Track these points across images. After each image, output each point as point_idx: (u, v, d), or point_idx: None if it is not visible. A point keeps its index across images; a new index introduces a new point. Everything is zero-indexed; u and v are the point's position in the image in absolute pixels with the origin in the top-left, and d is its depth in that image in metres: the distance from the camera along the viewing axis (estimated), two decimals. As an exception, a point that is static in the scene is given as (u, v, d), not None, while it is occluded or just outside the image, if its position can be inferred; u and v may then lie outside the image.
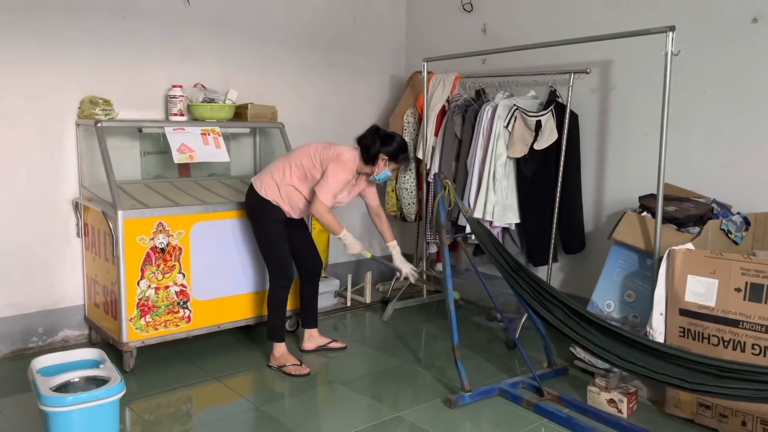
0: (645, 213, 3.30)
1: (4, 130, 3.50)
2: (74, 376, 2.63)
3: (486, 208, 3.94)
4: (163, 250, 3.37)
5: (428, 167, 4.43)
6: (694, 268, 2.83)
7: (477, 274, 3.48)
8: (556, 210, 3.82)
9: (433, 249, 4.55)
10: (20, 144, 3.55)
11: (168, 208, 3.40)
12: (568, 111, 3.75)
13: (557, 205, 3.81)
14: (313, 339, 3.72)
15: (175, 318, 3.45)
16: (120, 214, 3.23)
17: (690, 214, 3.16)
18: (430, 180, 4.38)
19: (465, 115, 4.21)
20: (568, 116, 3.75)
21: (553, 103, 3.87)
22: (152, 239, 3.33)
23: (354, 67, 4.92)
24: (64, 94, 3.65)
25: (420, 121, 4.56)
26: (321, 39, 4.72)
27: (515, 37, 4.31)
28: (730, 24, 3.38)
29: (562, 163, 3.78)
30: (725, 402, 2.72)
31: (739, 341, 2.69)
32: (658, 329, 2.93)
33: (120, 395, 2.51)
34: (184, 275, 3.45)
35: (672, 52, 3.03)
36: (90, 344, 3.74)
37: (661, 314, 2.93)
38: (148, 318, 3.36)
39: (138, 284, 3.31)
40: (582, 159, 4.00)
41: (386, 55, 5.14)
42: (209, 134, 3.73)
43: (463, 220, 4.01)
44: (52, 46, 3.59)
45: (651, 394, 3.08)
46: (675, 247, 2.91)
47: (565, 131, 3.76)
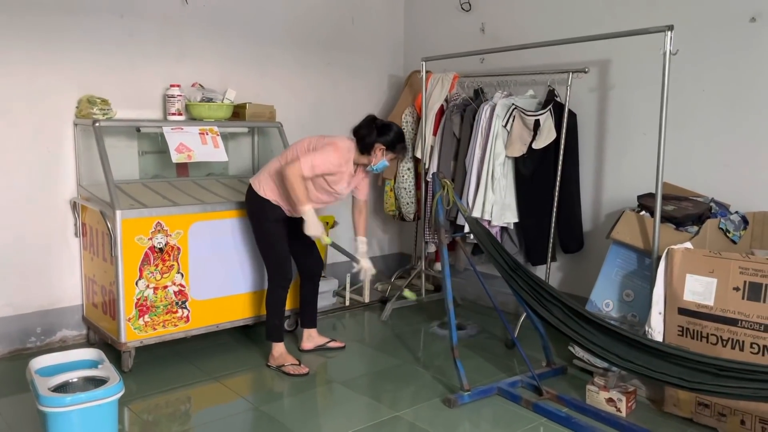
0: (643, 212, 3.31)
1: (1, 129, 3.49)
2: (73, 376, 2.62)
3: (484, 207, 3.94)
4: (161, 249, 3.36)
5: (427, 167, 4.43)
6: (692, 267, 2.83)
7: (476, 274, 3.48)
8: (555, 209, 3.82)
9: (432, 248, 4.55)
10: (18, 144, 3.54)
11: (166, 208, 3.39)
12: (566, 110, 3.75)
13: (556, 204, 3.81)
14: (312, 339, 3.72)
15: (174, 318, 3.45)
16: (118, 213, 3.23)
17: (688, 213, 3.17)
18: (428, 179, 4.38)
19: (463, 114, 4.21)
20: (566, 115, 3.75)
21: (552, 102, 3.87)
22: (150, 239, 3.32)
23: (352, 67, 4.92)
24: (62, 93, 3.64)
25: (418, 120, 4.56)
26: (319, 38, 4.71)
27: (513, 36, 4.31)
28: (729, 23, 3.38)
29: (560, 163, 3.78)
30: (724, 401, 2.72)
31: (737, 340, 2.69)
32: (656, 328, 2.93)
33: (118, 395, 2.50)
34: (182, 275, 3.44)
35: (671, 51, 3.03)
36: (88, 344, 3.73)
37: (660, 313, 2.93)
38: (146, 318, 3.35)
39: (136, 284, 3.30)
40: (580, 158, 4.00)
41: (384, 55, 5.14)
42: (207, 134, 3.72)
43: (461, 219, 4.01)
44: (49, 46, 3.58)
45: (650, 393, 3.08)
46: (674, 246, 2.91)
47: (564, 130, 3.76)
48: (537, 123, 3.82)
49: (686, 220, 3.15)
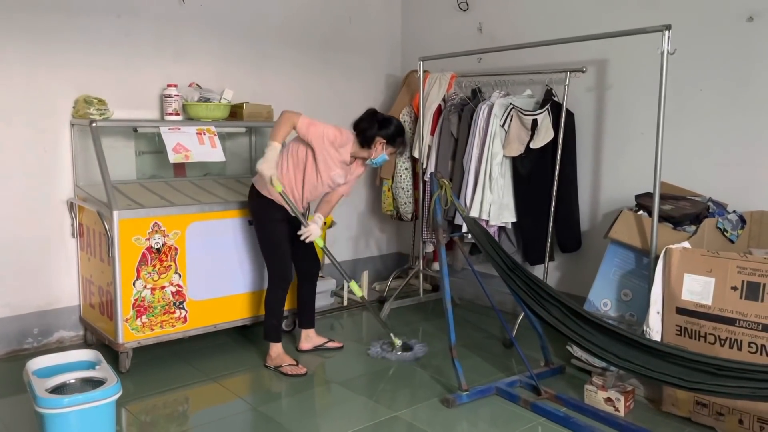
0: (641, 212, 3.31)
1: (-2, 130, 3.48)
2: (70, 377, 2.61)
3: (482, 207, 3.94)
4: (158, 250, 3.35)
5: (424, 166, 4.42)
6: (690, 266, 2.83)
7: (474, 273, 3.48)
8: (553, 209, 3.82)
9: (430, 248, 4.55)
10: (14, 144, 3.53)
11: (163, 208, 3.39)
12: (564, 110, 3.75)
13: (553, 203, 3.81)
14: (309, 339, 3.71)
15: (171, 318, 3.44)
16: (115, 214, 3.22)
17: (686, 212, 3.17)
18: (426, 179, 4.38)
19: (461, 114, 4.21)
20: (564, 115, 3.75)
21: (549, 101, 3.87)
22: (148, 239, 3.31)
23: (350, 66, 4.91)
24: (59, 93, 3.63)
25: (416, 120, 4.55)
26: (316, 38, 4.71)
27: (511, 35, 4.31)
28: (726, 23, 3.38)
29: (558, 162, 3.78)
30: (722, 400, 2.72)
31: (735, 339, 2.70)
32: (654, 328, 2.93)
33: (116, 396, 2.50)
34: (180, 275, 3.44)
35: (668, 50, 3.03)
36: (85, 345, 3.72)
37: (658, 313, 2.93)
38: (144, 318, 3.34)
39: (134, 285, 3.30)
40: (578, 158, 4.00)
41: (382, 54, 5.13)
42: (205, 134, 3.71)
43: (459, 219, 4.01)
44: (46, 46, 3.57)
45: (648, 393, 3.08)
46: (672, 246, 2.91)
47: (561, 130, 3.76)
48: (535, 123, 3.82)
49: (684, 220, 3.15)
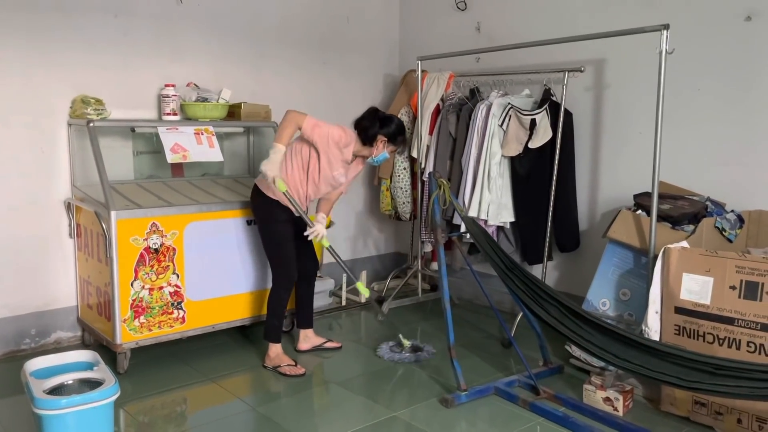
0: (640, 211, 3.31)
1: (-5, 130, 3.47)
2: (68, 378, 2.61)
3: (481, 206, 3.94)
4: (156, 250, 3.34)
5: (423, 166, 4.42)
6: (689, 266, 2.83)
7: (472, 273, 3.48)
8: (551, 208, 3.82)
9: (429, 248, 4.54)
10: (11, 144, 3.52)
11: (161, 209, 3.38)
12: (562, 109, 3.75)
13: (552, 203, 3.81)
14: (308, 339, 3.71)
15: (170, 319, 3.43)
16: (113, 214, 3.21)
17: (684, 212, 3.17)
18: (424, 179, 4.38)
19: (459, 113, 4.20)
20: (562, 115, 3.75)
21: (548, 101, 3.87)
22: (146, 240, 3.30)
23: (348, 66, 4.91)
24: (56, 93, 3.62)
25: (414, 119, 4.55)
26: (314, 37, 4.70)
27: (509, 35, 4.31)
28: (724, 22, 3.38)
29: (556, 162, 3.78)
30: (721, 399, 2.72)
31: (734, 339, 2.70)
32: (653, 327, 2.93)
33: (114, 397, 2.49)
34: (178, 276, 3.43)
35: (666, 50, 3.03)
36: (83, 346, 3.71)
37: (657, 312, 2.93)
38: (142, 319, 3.33)
39: (132, 285, 3.29)
40: (576, 157, 4.00)
41: (380, 54, 5.13)
42: (202, 134, 3.70)
43: (458, 218, 4.01)
44: (43, 45, 3.56)
45: (646, 392, 3.08)
46: (670, 246, 2.91)
47: (560, 130, 3.76)
48: (533, 122, 3.82)
49: (682, 219, 3.15)
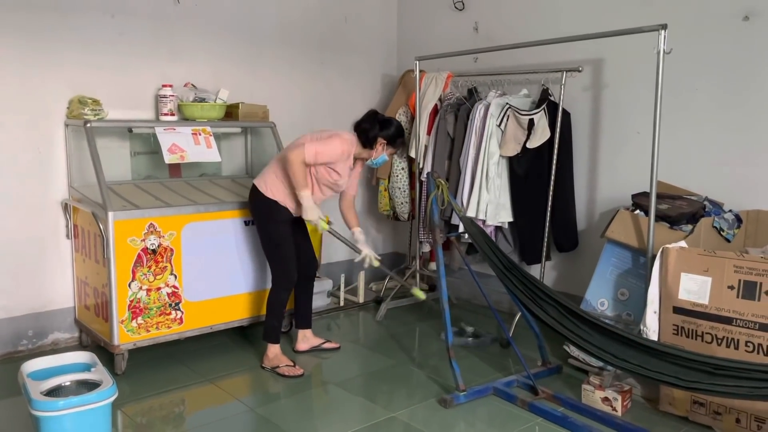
0: (638, 211, 3.31)
1: (-9, 130, 3.46)
2: (65, 379, 2.61)
3: (479, 206, 3.94)
4: (154, 251, 3.34)
5: (421, 166, 4.42)
6: (687, 266, 2.83)
7: (470, 273, 3.47)
8: (549, 208, 3.82)
9: (427, 248, 4.54)
10: (8, 145, 3.50)
11: (159, 209, 3.37)
12: (560, 109, 3.75)
13: (550, 203, 3.81)
14: (306, 339, 3.70)
15: (167, 320, 3.42)
16: (110, 215, 3.20)
17: (682, 212, 3.17)
18: (423, 179, 4.37)
19: (457, 113, 4.20)
20: (560, 115, 3.75)
21: (546, 101, 3.87)
22: (143, 240, 3.30)
23: (345, 66, 4.91)
24: (53, 93, 3.61)
25: (412, 120, 4.54)
26: (312, 37, 4.69)
27: (507, 35, 4.31)
28: (722, 22, 3.39)
29: (554, 162, 3.78)
30: (719, 399, 2.72)
31: (732, 339, 2.70)
32: (651, 327, 2.93)
33: (112, 399, 2.49)
34: (175, 276, 3.42)
35: (664, 50, 3.03)
36: (81, 347, 3.70)
37: (655, 312, 2.93)
38: (139, 320, 3.33)
39: (129, 286, 3.28)
40: (574, 157, 4.00)
41: (378, 54, 5.12)
42: (200, 134, 3.70)
43: (456, 219, 4.00)
44: (40, 45, 3.54)
45: (645, 392, 3.08)
46: (668, 245, 2.91)
47: (558, 130, 3.76)
48: (531, 122, 3.82)
49: (680, 219, 3.15)
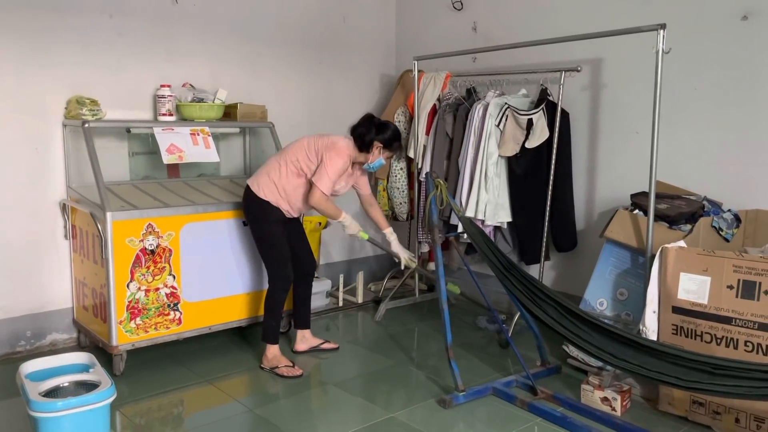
0: (637, 211, 3.31)
1: (-11, 131, 3.45)
2: (64, 380, 2.60)
3: (478, 206, 3.94)
4: (152, 251, 3.33)
5: (420, 166, 4.42)
6: (686, 265, 2.83)
7: (469, 273, 3.47)
8: (548, 208, 3.82)
9: (426, 248, 4.54)
10: (5, 145, 3.49)
11: (157, 209, 3.36)
12: (559, 109, 3.75)
13: (549, 203, 3.81)
14: (305, 340, 3.70)
15: (166, 320, 3.42)
16: (109, 215, 3.20)
17: (681, 211, 3.17)
18: (421, 179, 4.37)
19: (456, 113, 4.20)
20: (559, 114, 3.75)
21: (544, 101, 3.86)
22: (142, 241, 3.29)
23: (344, 66, 4.90)
24: (51, 94, 3.60)
25: (411, 120, 4.54)
26: (311, 37, 4.69)
27: (506, 35, 4.30)
28: (721, 22, 3.39)
29: (553, 162, 3.78)
30: (718, 399, 2.72)
31: (731, 338, 2.70)
32: (651, 327, 2.93)
33: (110, 400, 2.48)
34: (174, 277, 3.41)
35: (663, 49, 3.03)
36: (79, 348, 3.70)
37: (654, 312, 2.93)
38: (138, 320, 3.32)
39: (127, 286, 3.27)
40: (573, 157, 4.00)
41: (376, 54, 5.12)
42: (198, 134, 3.69)
43: (455, 219, 4.00)
44: (37, 45, 3.54)
45: (644, 392, 3.08)
46: (667, 245, 2.91)
47: (557, 129, 3.76)
48: (530, 122, 3.82)
49: (679, 219, 3.15)
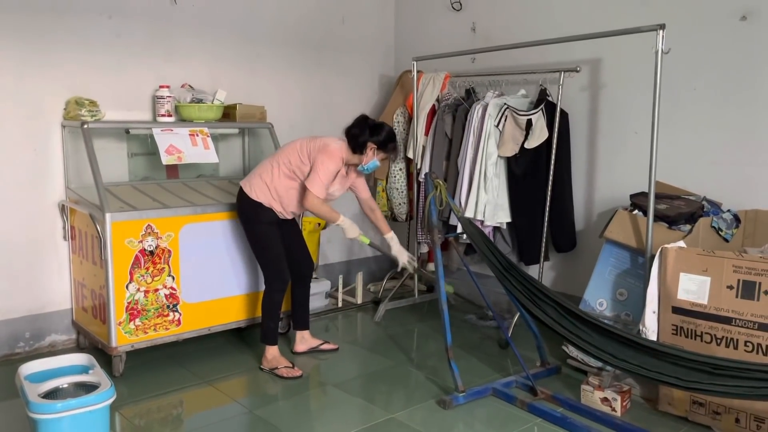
0: (636, 211, 3.31)
1: (-12, 132, 3.45)
2: (63, 382, 2.59)
3: (477, 207, 3.93)
4: (152, 252, 3.32)
5: (419, 167, 4.42)
6: (686, 265, 2.83)
7: (469, 274, 3.47)
8: (548, 209, 3.81)
9: (425, 249, 4.54)
10: (4, 146, 3.49)
11: (156, 210, 3.36)
12: (558, 109, 3.75)
13: (548, 203, 3.81)
14: (304, 341, 3.69)
15: (165, 321, 3.41)
16: (108, 216, 3.19)
17: (681, 212, 3.17)
18: (420, 180, 4.37)
19: (455, 114, 4.20)
20: (558, 115, 3.75)
21: (544, 101, 3.86)
22: (141, 242, 3.28)
23: (343, 67, 4.90)
24: (49, 94, 3.60)
25: (410, 120, 4.54)
26: (310, 38, 4.69)
27: (505, 35, 4.30)
28: (720, 22, 3.39)
29: (552, 162, 3.78)
30: (718, 399, 2.72)
31: (731, 338, 2.70)
32: (651, 327, 2.93)
33: (110, 401, 2.47)
34: (173, 278, 3.41)
35: (662, 50, 3.03)
36: (78, 349, 3.69)
37: (654, 312, 2.93)
38: (137, 322, 3.31)
39: (127, 287, 3.27)
40: (572, 157, 4.00)
41: (375, 54, 5.12)
42: (197, 135, 3.69)
43: (454, 219, 4.00)
44: (36, 46, 3.53)
45: (644, 392, 3.08)
46: (667, 245, 2.91)
47: (556, 130, 3.76)
48: (529, 123, 3.82)
49: (679, 219, 3.15)
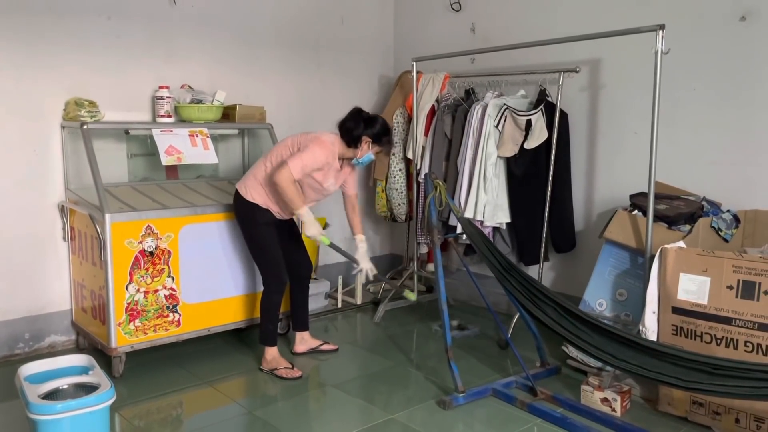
0: (636, 211, 3.31)
1: (-13, 133, 3.45)
2: (63, 383, 2.59)
3: (477, 207, 3.93)
4: (151, 253, 3.32)
5: (418, 167, 4.41)
6: (686, 266, 2.83)
7: (468, 274, 3.47)
8: (547, 209, 3.82)
9: (424, 249, 4.54)
10: (4, 147, 3.49)
11: (156, 211, 3.36)
12: (558, 110, 3.75)
13: (548, 204, 3.81)
14: (304, 341, 3.69)
15: (165, 322, 3.41)
16: (107, 217, 3.19)
17: (680, 212, 3.17)
18: (420, 180, 4.37)
19: (455, 114, 4.20)
20: (558, 115, 3.75)
21: (543, 102, 3.86)
22: (140, 242, 3.28)
23: (342, 67, 4.90)
24: (49, 95, 3.59)
25: (410, 120, 4.54)
26: (309, 38, 4.69)
27: (504, 36, 4.30)
28: (719, 22, 3.39)
29: (552, 162, 3.78)
30: (718, 399, 2.72)
31: (731, 339, 2.70)
32: (650, 327, 2.93)
33: (110, 402, 2.47)
34: (173, 279, 3.41)
35: (662, 50, 3.04)
36: (78, 350, 3.69)
37: (654, 312, 2.93)
38: (137, 322, 3.31)
39: (126, 288, 3.27)
40: (572, 158, 4.00)
41: (375, 55, 5.12)
42: (197, 136, 3.69)
43: (454, 219, 4.00)
44: (36, 47, 3.53)
45: (644, 393, 3.08)
46: (667, 246, 2.91)
47: (555, 130, 3.76)
48: (529, 123, 3.82)
49: (678, 219, 3.15)
